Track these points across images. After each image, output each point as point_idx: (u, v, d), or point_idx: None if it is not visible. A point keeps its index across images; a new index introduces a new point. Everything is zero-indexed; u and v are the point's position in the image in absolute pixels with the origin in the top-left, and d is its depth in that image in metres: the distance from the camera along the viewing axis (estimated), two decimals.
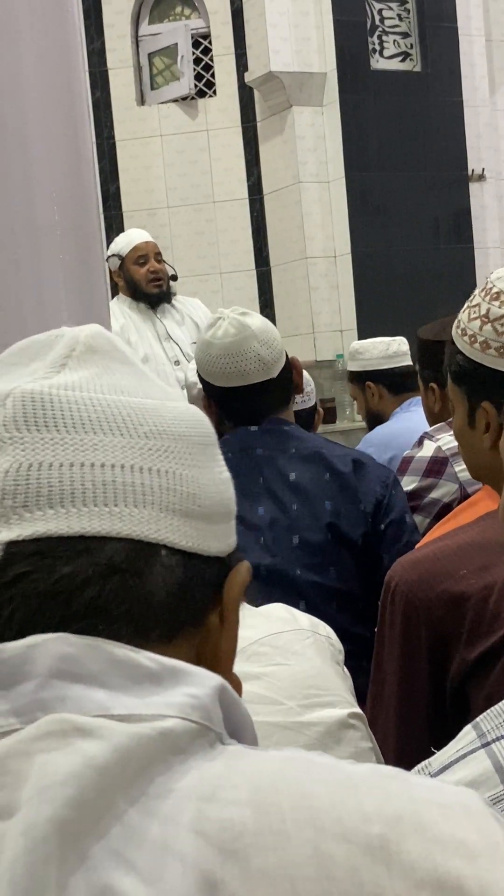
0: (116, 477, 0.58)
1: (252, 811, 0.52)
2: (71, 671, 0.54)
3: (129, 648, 0.56)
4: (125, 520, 0.58)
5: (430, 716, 1.29)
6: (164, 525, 0.59)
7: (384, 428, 3.20)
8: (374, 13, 6.54)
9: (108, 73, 6.77)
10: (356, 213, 6.42)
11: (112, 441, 0.59)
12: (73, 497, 0.57)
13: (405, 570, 1.33)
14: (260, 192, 6.82)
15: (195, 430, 0.64)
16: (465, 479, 2.29)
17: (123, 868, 0.50)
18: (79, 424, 0.58)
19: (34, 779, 0.51)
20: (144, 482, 0.59)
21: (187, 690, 0.56)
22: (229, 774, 0.54)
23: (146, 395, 0.62)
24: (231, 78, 6.77)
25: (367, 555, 1.93)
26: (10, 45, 1.74)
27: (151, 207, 6.76)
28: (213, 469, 0.65)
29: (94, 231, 1.87)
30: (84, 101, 1.86)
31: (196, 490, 0.62)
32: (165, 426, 0.61)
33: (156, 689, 0.56)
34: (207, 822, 0.51)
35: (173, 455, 0.61)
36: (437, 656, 1.28)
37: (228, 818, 0.51)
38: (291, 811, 0.52)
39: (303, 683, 1.15)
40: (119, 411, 0.60)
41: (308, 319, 6.55)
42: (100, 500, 0.57)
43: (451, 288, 6.55)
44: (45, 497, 0.56)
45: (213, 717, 0.57)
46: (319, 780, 0.55)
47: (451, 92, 6.65)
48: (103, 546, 0.57)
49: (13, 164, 1.73)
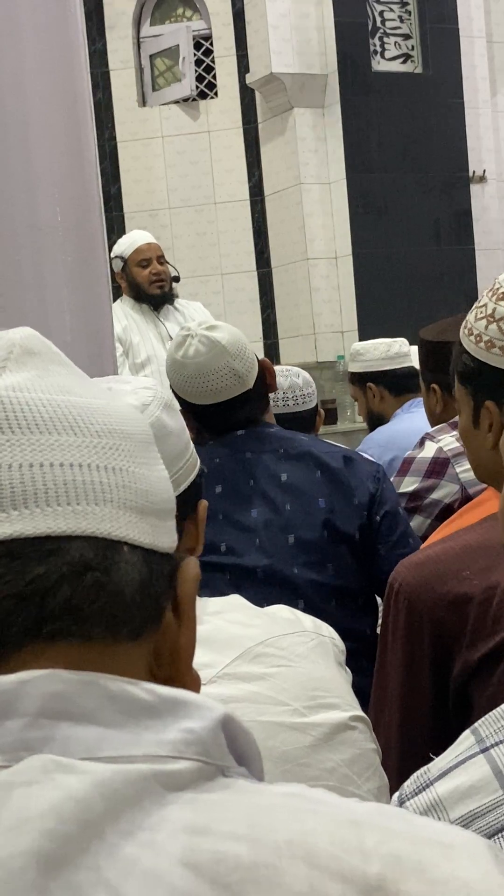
0: (76, 476, 0.58)
1: (247, 845, 0.50)
2: (61, 709, 0.53)
3: (125, 681, 0.55)
4: (88, 518, 0.57)
5: (433, 717, 1.30)
6: (123, 522, 0.59)
7: (385, 429, 3.20)
8: (375, 15, 6.54)
9: (109, 74, 6.78)
10: (357, 215, 6.42)
11: (67, 440, 0.58)
12: (37, 497, 0.56)
13: (408, 571, 1.33)
14: (261, 194, 6.82)
15: (139, 428, 0.64)
16: (466, 480, 2.29)
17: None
18: (32, 425, 0.58)
19: (11, 811, 0.50)
20: (102, 480, 0.59)
21: (185, 725, 0.55)
22: (226, 808, 0.53)
23: (90, 395, 0.62)
24: (232, 79, 6.77)
25: (363, 549, 1.94)
26: (12, 46, 1.75)
27: (153, 208, 6.77)
28: (157, 467, 0.65)
29: (96, 232, 1.87)
30: (86, 102, 1.86)
31: (147, 487, 0.62)
32: (113, 424, 0.61)
33: (152, 723, 0.55)
34: (200, 854, 0.50)
35: (124, 453, 0.61)
36: (439, 658, 1.28)
37: (222, 851, 0.50)
38: (288, 846, 0.51)
39: (307, 685, 1.16)
40: (69, 411, 0.60)
41: (309, 320, 6.55)
42: (62, 499, 0.57)
43: (452, 289, 6.56)
44: (9, 498, 0.56)
45: (212, 751, 0.56)
46: (319, 815, 0.54)
47: (453, 93, 6.65)
48: (70, 545, 0.57)
49: (16, 165, 1.73)
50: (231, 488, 1.93)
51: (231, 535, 1.88)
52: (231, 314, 6.51)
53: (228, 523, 1.89)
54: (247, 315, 6.77)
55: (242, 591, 1.38)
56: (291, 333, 6.72)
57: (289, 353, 6.65)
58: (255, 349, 7.07)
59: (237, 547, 1.87)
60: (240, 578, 1.83)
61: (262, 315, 6.86)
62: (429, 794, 0.83)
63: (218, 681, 1.13)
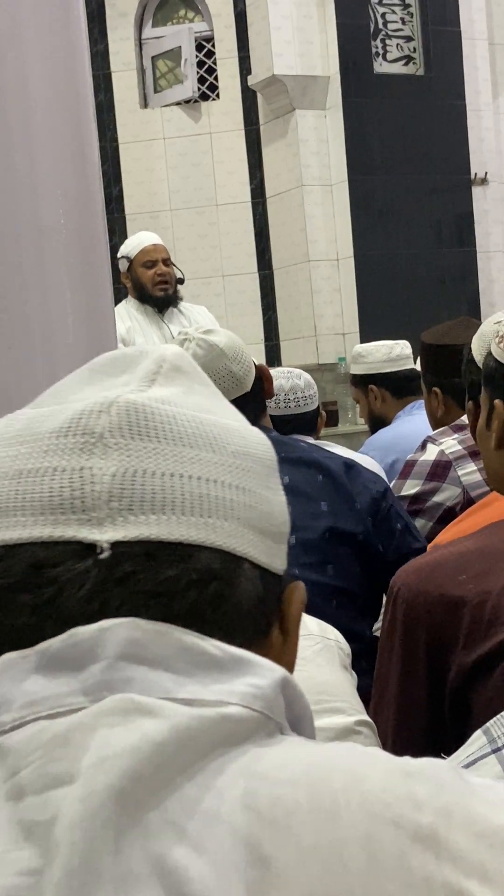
0: (210, 490, 0.61)
1: (304, 790, 0.54)
2: (138, 654, 0.57)
3: (197, 636, 0.58)
4: (217, 531, 0.61)
5: (428, 720, 1.30)
6: (247, 540, 0.62)
7: (387, 431, 3.20)
8: (377, 17, 6.55)
9: (111, 75, 6.78)
10: (359, 217, 6.42)
11: (205, 456, 0.62)
12: (174, 505, 0.60)
13: (407, 575, 1.34)
14: (263, 195, 6.82)
15: (268, 454, 0.68)
16: (468, 482, 2.29)
17: (177, 837, 0.52)
18: (177, 437, 0.61)
19: (94, 750, 0.53)
20: (232, 497, 0.62)
21: (251, 681, 0.58)
22: (285, 757, 0.56)
23: (228, 417, 0.66)
24: (234, 81, 6.77)
25: (365, 550, 1.94)
26: (14, 48, 1.75)
27: (154, 210, 6.77)
28: (279, 492, 0.69)
29: (98, 234, 1.87)
30: (89, 104, 1.86)
31: (270, 509, 0.66)
32: (247, 447, 0.65)
33: (220, 676, 0.58)
34: (260, 798, 0.53)
35: (254, 475, 0.65)
36: (435, 660, 1.28)
37: (281, 795, 0.53)
38: (343, 792, 0.54)
39: (312, 690, 1.16)
40: (210, 429, 0.63)
41: (310, 322, 6.55)
42: (196, 510, 0.60)
43: (453, 291, 6.55)
44: (149, 503, 0.60)
45: (275, 708, 0.59)
46: (373, 766, 0.56)
47: (454, 95, 6.65)
48: (200, 554, 0.60)
49: (19, 167, 1.73)
50: None
51: None
52: (232, 316, 6.51)
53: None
54: (248, 317, 6.77)
55: None
56: (293, 335, 6.72)
57: (290, 355, 6.65)
58: (257, 351, 7.09)
59: None
60: None
61: (263, 317, 6.87)
62: None
63: None
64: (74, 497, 0.59)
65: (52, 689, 0.56)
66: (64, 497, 0.59)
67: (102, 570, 0.58)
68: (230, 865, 0.51)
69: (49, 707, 0.56)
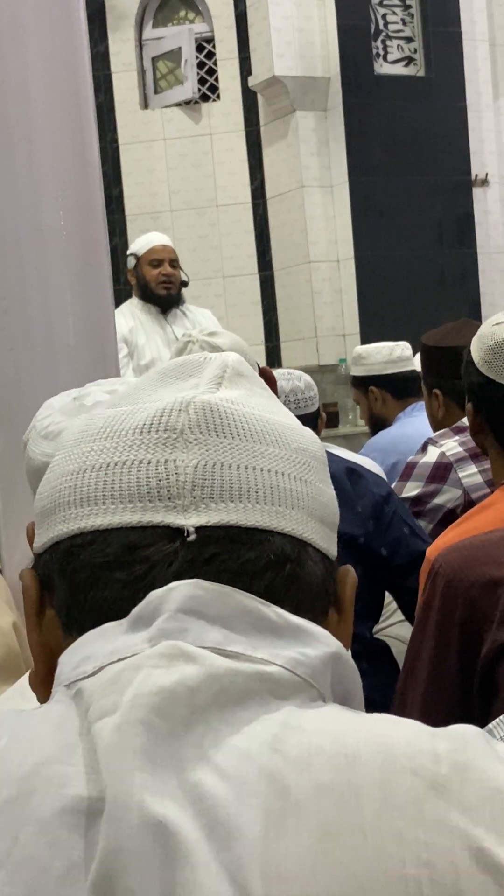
0: (279, 482, 0.67)
1: (329, 737, 0.58)
2: (197, 609, 0.62)
3: (259, 601, 0.64)
4: (287, 518, 0.67)
5: (459, 695, 1.32)
6: (310, 527, 0.69)
7: (387, 433, 3.19)
8: (378, 18, 6.55)
9: (111, 76, 6.78)
10: (359, 218, 6.42)
11: (273, 451, 0.68)
12: (249, 494, 0.66)
13: (449, 554, 1.38)
14: (263, 196, 6.82)
15: (321, 451, 0.74)
16: (468, 484, 2.28)
17: (208, 767, 0.57)
18: (248, 434, 0.68)
19: (134, 686, 0.59)
20: (297, 489, 0.68)
21: (301, 649, 0.63)
22: (320, 717, 0.61)
23: (287, 418, 0.73)
24: (235, 82, 6.78)
25: (366, 554, 1.94)
26: (15, 49, 1.75)
27: (154, 211, 6.77)
28: (330, 486, 0.74)
29: (99, 235, 1.87)
30: (90, 105, 1.86)
31: (327, 501, 0.72)
32: (305, 444, 0.71)
33: (274, 640, 0.63)
34: (288, 742, 0.58)
35: (313, 469, 0.71)
36: (469, 637, 1.31)
37: (307, 741, 0.58)
38: (367, 742, 0.58)
39: None
40: (274, 427, 0.69)
41: (311, 323, 6.55)
42: (268, 499, 0.66)
43: (454, 293, 6.56)
44: (227, 492, 0.66)
45: (319, 678, 0.64)
46: (402, 726, 0.61)
47: (455, 96, 6.66)
48: (273, 538, 0.66)
49: (19, 168, 1.73)
50: None
51: None
52: (233, 317, 6.51)
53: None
54: (248, 318, 6.77)
55: None
56: (293, 336, 6.72)
57: (290, 357, 6.65)
58: (257, 352, 7.07)
59: None
60: None
61: (263, 318, 6.87)
62: None
63: None
64: (161, 486, 0.65)
65: (128, 640, 0.62)
66: (151, 486, 0.65)
67: (191, 550, 0.64)
68: (252, 793, 0.56)
69: (120, 654, 0.61)
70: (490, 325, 1.67)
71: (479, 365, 1.66)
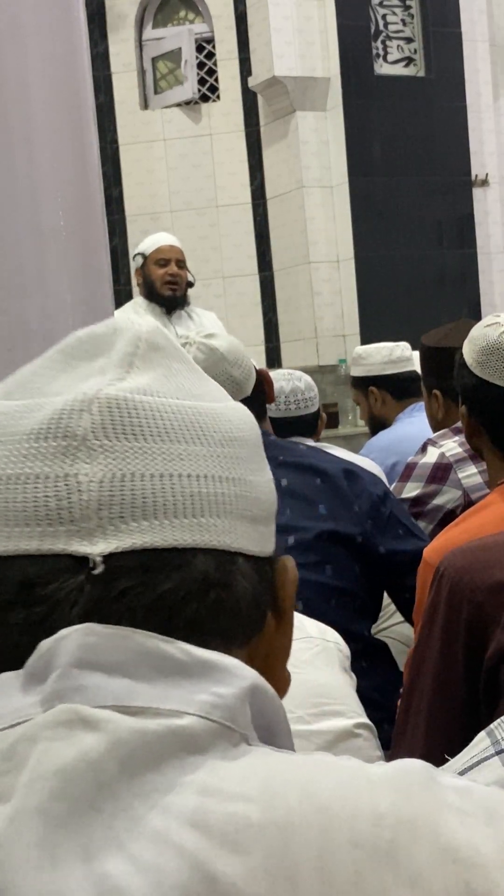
0: (201, 488, 0.59)
1: (258, 806, 0.51)
2: (92, 660, 0.55)
3: (160, 639, 0.56)
4: (211, 531, 0.59)
5: (465, 698, 1.32)
6: (240, 533, 0.61)
7: (387, 433, 3.19)
8: (378, 18, 6.55)
9: (111, 77, 6.78)
10: (359, 218, 6.42)
11: (194, 450, 0.60)
12: (165, 509, 0.58)
13: (454, 556, 1.37)
14: (263, 197, 6.82)
15: (253, 431, 0.65)
16: (468, 485, 2.28)
17: (121, 856, 0.49)
18: (163, 433, 0.59)
19: (30, 766, 0.52)
20: (224, 491, 0.60)
21: (214, 688, 0.56)
22: (243, 771, 0.53)
23: (211, 398, 0.63)
24: (235, 82, 6.78)
25: (364, 552, 1.94)
26: (14, 49, 1.74)
27: (154, 211, 6.77)
28: (265, 471, 0.66)
29: (98, 236, 1.87)
30: (89, 105, 1.86)
31: (259, 494, 0.63)
32: (234, 431, 0.63)
33: (183, 682, 0.56)
34: (210, 815, 0.51)
35: (242, 462, 0.62)
36: (474, 639, 1.30)
37: (232, 812, 0.51)
38: (299, 806, 0.51)
39: (312, 692, 1.16)
40: (195, 418, 0.61)
41: (311, 324, 6.55)
42: (188, 511, 0.58)
43: (454, 293, 6.55)
44: (140, 508, 0.57)
45: (238, 718, 0.56)
46: (335, 778, 0.54)
47: (455, 97, 6.65)
48: (195, 559, 0.58)
49: (19, 168, 1.73)
50: None
51: None
52: (233, 317, 6.51)
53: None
54: (248, 318, 6.77)
55: None
56: (293, 337, 6.72)
57: (290, 357, 6.65)
58: (257, 353, 7.04)
59: None
60: None
61: (263, 318, 6.86)
62: None
63: None
64: (62, 507, 0.56)
65: (22, 701, 0.55)
66: (50, 508, 0.56)
67: (98, 585, 0.56)
68: (173, 885, 0.48)
69: (13, 719, 0.54)
70: (482, 327, 1.68)
71: (471, 367, 1.67)
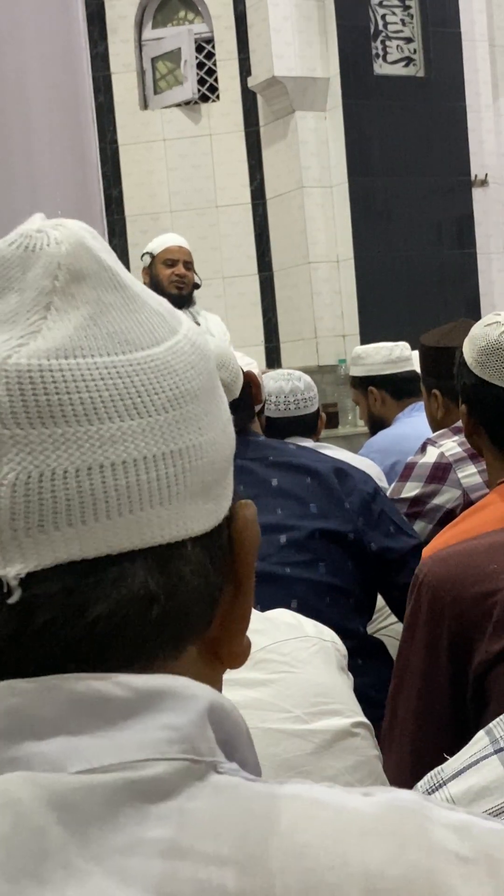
0: (140, 475, 0.49)
1: (234, 871, 0.44)
2: (20, 726, 0.46)
3: (93, 678, 0.48)
4: (152, 526, 0.50)
5: (451, 707, 1.31)
6: (188, 516, 0.51)
7: (387, 433, 3.19)
8: (377, 18, 6.54)
9: (111, 77, 6.78)
10: (359, 218, 6.42)
11: (129, 427, 0.49)
12: (96, 509, 0.48)
13: (434, 564, 1.35)
14: (263, 197, 6.82)
15: (204, 371, 0.54)
16: (468, 485, 2.28)
17: None
18: (90, 411, 0.48)
19: None
20: (168, 473, 0.50)
21: (167, 720, 0.48)
22: (213, 821, 0.46)
23: (152, 341, 0.52)
24: (234, 82, 6.77)
25: (357, 549, 1.95)
26: (14, 50, 1.75)
27: (154, 212, 6.77)
28: (221, 409, 0.55)
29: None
30: (88, 106, 1.86)
31: (213, 454, 0.53)
32: (181, 385, 0.52)
33: (129, 723, 0.47)
34: (179, 883, 0.43)
35: (190, 423, 0.52)
36: (459, 650, 1.29)
37: (206, 879, 0.44)
38: (281, 874, 0.44)
39: (309, 692, 1.16)
40: (131, 381, 0.50)
41: (311, 324, 6.55)
42: (124, 507, 0.49)
43: (453, 293, 6.55)
44: (63, 514, 0.47)
45: (202, 746, 0.49)
46: (320, 828, 0.47)
47: (455, 97, 6.65)
48: (134, 565, 0.49)
49: (18, 168, 1.73)
50: None
51: None
52: (233, 318, 6.51)
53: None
54: (248, 319, 6.77)
55: None
56: (293, 337, 6.72)
57: (290, 357, 6.65)
58: (257, 353, 7.05)
59: None
60: None
61: (263, 319, 6.86)
62: (442, 794, 0.84)
63: None
64: None
65: None
66: None
67: (13, 619, 0.47)
68: None
69: None
70: (482, 327, 1.68)
71: (471, 366, 1.67)
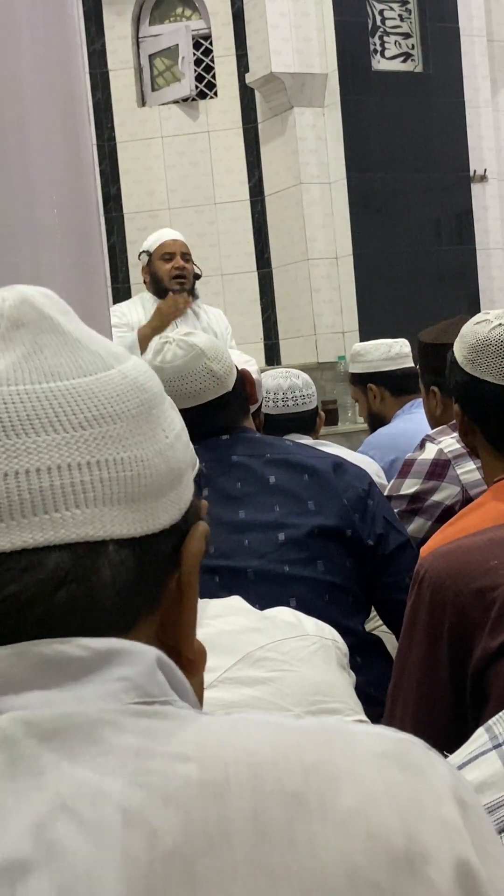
0: (54, 480, 0.56)
1: (196, 766, 0.53)
2: (1, 684, 0.54)
3: (58, 642, 0.55)
4: (67, 525, 0.56)
5: (451, 703, 1.31)
6: (108, 520, 0.57)
7: (386, 430, 3.19)
8: (375, 13, 6.54)
9: (108, 74, 6.77)
10: (358, 215, 6.41)
11: (46, 441, 0.56)
12: (11, 510, 0.55)
13: (435, 559, 1.35)
14: (261, 194, 6.81)
15: (134, 399, 0.60)
16: (467, 481, 2.28)
17: (65, 816, 0.50)
18: (9, 428, 0.55)
19: None
20: (84, 479, 0.57)
21: (121, 673, 0.56)
22: (175, 733, 0.54)
23: (80, 373, 0.59)
24: (232, 79, 6.77)
25: (355, 546, 1.95)
26: (10, 47, 1.74)
27: (152, 209, 6.76)
28: (157, 436, 0.61)
29: (94, 233, 1.86)
30: (84, 103, 1.85)
31: (140, 470, 0.59)
32: (102, 408, 0.58)
33: (91, 677, 0.55)
34: (151, 774, 0.52)
35: (111, 440, 0.58)
36: (459, 645, 1.29)
37: (172, 771, 0.52)
38: (234, 766, 0.53)
39: (309, 690, 1.16)
40: (51, 404, 0.57)
41: (310, 321, 6.55)
42: (39, 508, 0.55)
43: (453, 289, 6.55)
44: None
45: (154, 690, 0.57)
46: (264, 736, 0.55)
47: (453, 93, 6.64)
48: (47, 558, 0.55)
49: (13, 166, 1.72)
50: (218, 491, 1.94)
51: (220, 537, 1.89)
52: (232, 315, 6.48)
53: (217, 526, 1.89)
54: (247, 316, 6.76)
55: (234, 592, 1.38)
56: (292, 334, 6.71)
57: (289, 354, 6.65)
58: (256, 350, 7.03)
59: (226, 549, 1.88)
60: (231, 580, 1.83)
61: (262, 316, 6.86)
62: None
63: (219, 685, 1.13)
64: None
65: None
66: None
67: None
68: (115, 841, 0.50)
69: None
70: (472, 325, 1.68)
71: (462, 364, 1.67)
